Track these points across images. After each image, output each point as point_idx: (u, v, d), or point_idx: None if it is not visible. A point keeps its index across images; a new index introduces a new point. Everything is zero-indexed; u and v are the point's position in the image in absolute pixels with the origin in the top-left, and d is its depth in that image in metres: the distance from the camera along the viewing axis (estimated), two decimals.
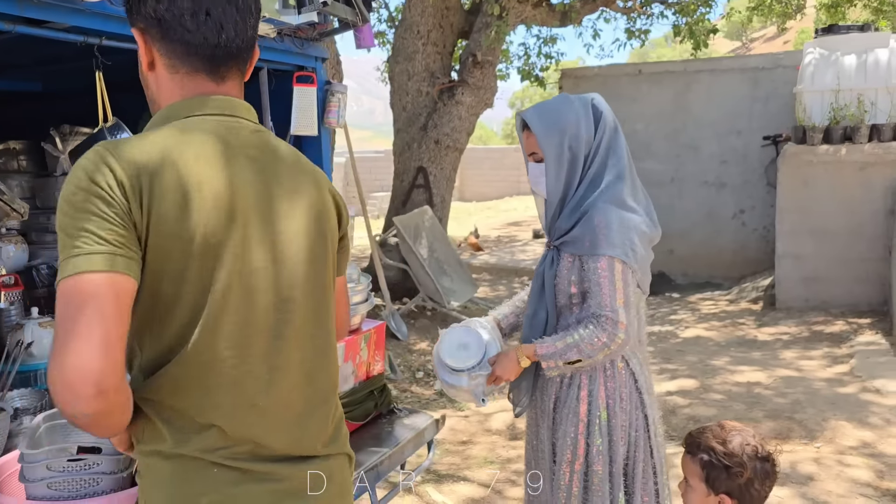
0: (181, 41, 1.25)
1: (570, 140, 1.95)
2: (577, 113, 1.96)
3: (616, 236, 1.90)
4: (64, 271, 1.09)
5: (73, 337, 1.06)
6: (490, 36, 7.42)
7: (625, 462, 1.99)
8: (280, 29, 2.72)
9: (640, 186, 2.03)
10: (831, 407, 4.61)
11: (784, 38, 29.76)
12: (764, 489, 1.79)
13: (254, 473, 1.24)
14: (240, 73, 1.34)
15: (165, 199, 1.15)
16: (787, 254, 7.24)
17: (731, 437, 1.80)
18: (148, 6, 1.24)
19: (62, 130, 3.17)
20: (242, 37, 1.30)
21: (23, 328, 2.33)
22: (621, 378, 2.00)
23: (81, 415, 1.08)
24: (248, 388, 1.23)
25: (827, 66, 7.18)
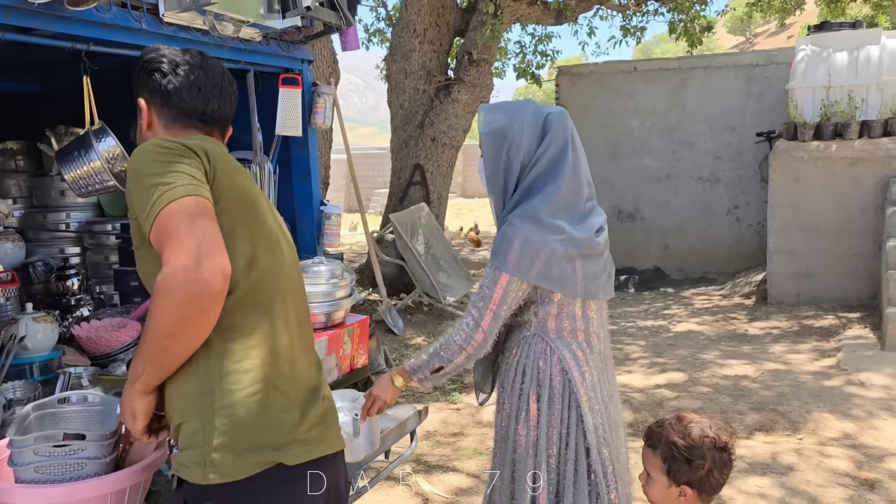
0: (177, 108, 1.63)
1: (509, 146, 1.99)
2: (524, 123, 1.99)
3: (512, 252, 1.94)
4: (171, 196, 1.38)
5: (199, 234, 1.35)
6: (485, 34, 7.49)
7: (556, 459, 2.02)
8: (266, 32, 2.81)
9: (581, 204, 2.03)
10: (816, 399, 4.69)
11: (788, 32, 29.73)
12: (722, 477, 1.85)
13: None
14: (220, 135, 1.72)
15: (220, 163, 1.54)
16: (778, 249, 7.31)
17: (690, 429, 1.85)
18: (155, 81, 1.63)
19: (58, 131, 3.26)
20: (224, 110, 1.69)
21: (17, 322, 2.42)
22: (553, 376, 2.03)
23: (209, 293, 1.34)
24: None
25: (819, 62, 7.24)
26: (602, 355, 2.11)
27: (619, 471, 2.10)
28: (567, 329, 2.04)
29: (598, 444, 2.02)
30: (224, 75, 1.71)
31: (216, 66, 1.70)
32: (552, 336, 2.04)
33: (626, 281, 9.09)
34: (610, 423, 2.07)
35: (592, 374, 2.05)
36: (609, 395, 2.11)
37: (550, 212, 1.95)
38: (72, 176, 2.43)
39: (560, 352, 2.03)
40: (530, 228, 1.94)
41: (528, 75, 9.66)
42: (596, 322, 2.08)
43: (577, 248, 1.97)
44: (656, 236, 9.64)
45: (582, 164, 2.05)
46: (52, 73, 3.44)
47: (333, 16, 2.92)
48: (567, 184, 1.98)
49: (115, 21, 2.21)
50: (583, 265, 1.99)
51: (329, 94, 3.19)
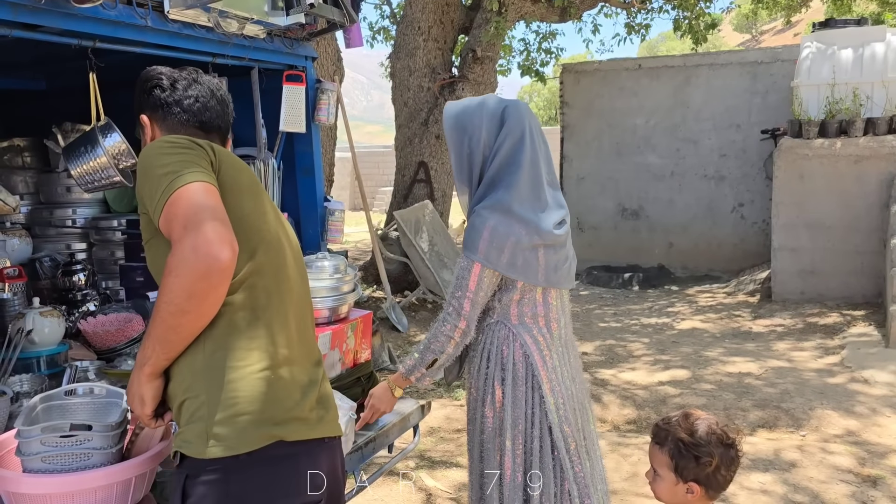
0: (178, 118, 1.73)
1: (470, 138, 2.08)
2: (483, 116, 2.08)
3: (482, 241, 2.02)
4: (179, 182, 1.44)
5: (207, 213, 1.41)
6: (490, 32, 7.50)
7: (523, 437, 2.13)
8: (270, 30, 2.82)
9: (547, 195, 2.10)
10: (819, 397, 4.69)
11: (794, 30, 29.61)
12: (729, 474, 1.85)
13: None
14: (221, 142, 1.80)
15: (225, 159, 1.61)
16: (783, 247, 7.30)
17: (697, 426, 1.85)
18: (155, 97, 1.73)
19: (64, 128, 3.29)
20: (222, 119, 1.80)
21: (24, 317, 2.44)
22: (516, 361, 2.13)
23: (218, 268, 1.40)
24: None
25: (823, 60, 7.22)
26: (563, 340, 2.21)
27: (587, 447, 2.21)
28: (528, 315, 2.14)
29: (560, 422, 2.12)
30: (219, 87, 1.81)
31: (211, 81, 1.81)
32: (514, 322, 2.15)
33: (631, 279, 9.09)
34: (573, 403, 2.18)
35: (553, 358, 2.16)
36: (571, 377, 2.22)
37: (516, 202, 2.04)
38: (78, 171, 2.45)
39: (522, 337, 2.13)
40: (498, 218, 2.02)
41: (532, 73, 9.66)
42: (556, 309, 2.18)
43: (541, 238, 2.05)
44: (661, 234, 9.64)
45: (541, 155, 2.12)
46: (57, 69, 3.47)
47: (337, 13, 2.94)
48: (527, 174, 2.06)
49: (120, 18, 2.23)
50: (545, 255, 2.08)
51: (332, 91, 3.21)
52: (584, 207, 10.09)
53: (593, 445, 2.27)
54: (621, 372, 5.46)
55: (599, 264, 9.68)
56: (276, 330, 1.59)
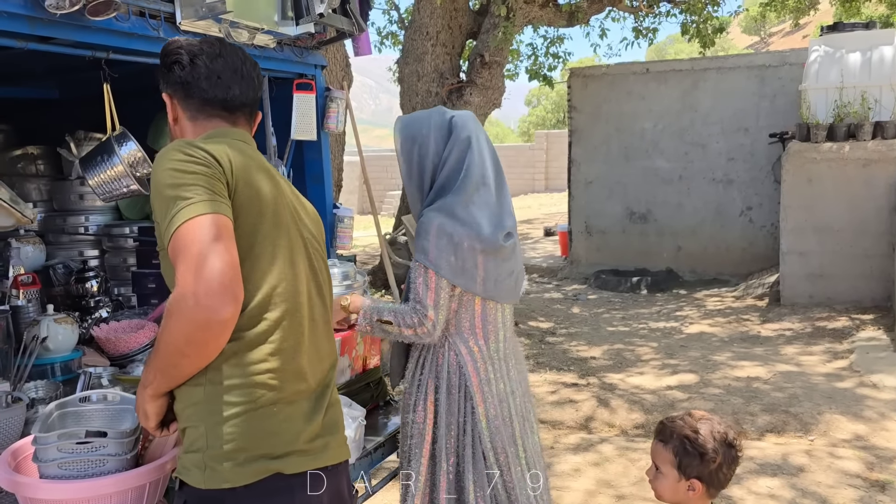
0: (199, 97, 1.64)
1: (419, 149, 2.14)
2: (431, 126, 2.15)
3: (429, 245, 2.08)
4: (188, 213, 1.38)
5: (213, 258, 1.35)
6: (497, 37, 7.53)
7: (456, 444, 2.19)
8: (280, 39, 2.86)
9: (494, 203, 2.14)
10: (828, 401, 4.69)
11: (803, 32, 29.52)
12: (730, 472, 1.90)
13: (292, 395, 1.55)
14: (247, 122, 1.73)
15: (242, 174, 1.53)
16: (791, 250, 7.29)
17: (701, 424, 1.89)
18: (175, 74, 1.64)
19: (77, 136, 3.33)
20: (246, 96, 1.69)
21: (39, 324, 2.48)
22: (449, 369, 2.19)
23: (218, 320, 1.36)
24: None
25: (832, 63, 7.21)
26: (500, 354, 2.25)
27: (528, 459, 2.27)
28: (466, 327, 2.19)
29: (491, 434, 2.18)
30: (245, 60, 1.69)
31: (235, 52, 1.68)
32: (452, 332, 2.20)
33: (639, 282, 9.09)
34: (508, 416, 2.22)
35: (488, 370, 2.20)
36: (510, 391, 2.26)
37: (460, 206, 2.08)
38: (96, 181, 2.49)
39: (457, 347, 2.19)
40: (443, 220, 2.08)
41: (540, 77, 9.68)
42: (495, 323, 2.23)
43: (482, 243, 2.08)
44: (669, 238, 9.63)
45: (489, 164, 2.17)
46: (70, 79, 3.51)
47: (346, 22, 2.97)
48: (473, 180, 2.11)
49: (133, 30, 2.27)
50: (485, 262, 2.11)
51: (342, 99, 3.24)
52: (592, 211, 10.10)
53: (537, 458, 2.32)
54: (629, 376, 5.47)
55: (607, 268, 9.68)
56: (285, 358, 1.53)
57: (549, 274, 10.34)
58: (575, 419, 4.72)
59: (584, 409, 4.83)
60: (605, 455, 4.15)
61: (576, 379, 5.47)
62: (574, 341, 6.67)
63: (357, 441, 2.29)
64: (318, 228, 1.77)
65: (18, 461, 1.73)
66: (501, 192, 2.19)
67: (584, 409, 4.83)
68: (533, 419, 2.36)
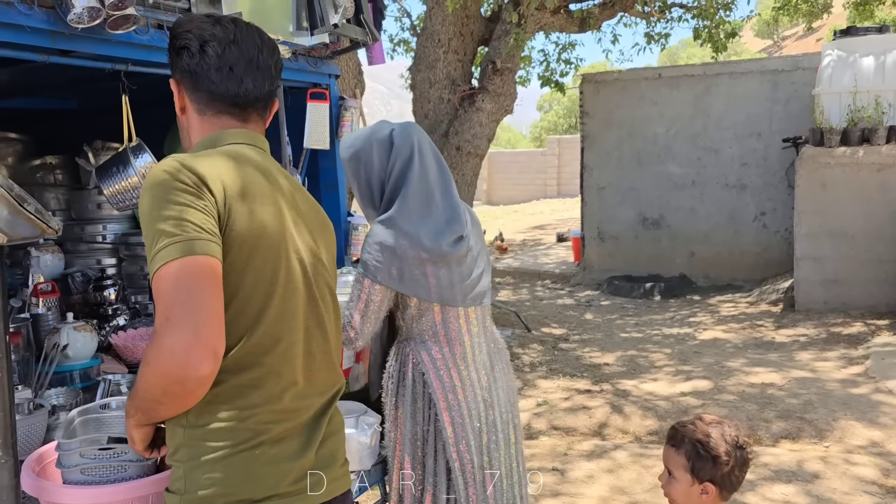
0: (207, 90, 1.50)
1: (364, 167, 2.15)
2: (373, 143, 2.15)
3: (368, 255, 2.09)
4: (168, 255, 1.26)
5: (191, 310, 1.24)
6: (509, 43, 7.55)
7: (421, 453, 2.19)
8: (294, 49, 2.89)
9: (440, 211, 2.12)
10: (843, 407, 4.66)
11: (817, 35, 29.36)
12: (742, 475, 1.92)
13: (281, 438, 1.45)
14: (260, 117, 1.58)
15: (236, 202, 1.38)
16: (806, 256, 7.26)
17: (712, 428, 1.91)
18: (183, 61, 1.49)
19: (95, 146, 3.37)
20: (260, 90, 1.53)
21: (59, 332, 2.51)
22: (416, 378, 2.19)
23: (196, 378, 1.26)
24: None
25: (845, 67, 7.19)
26: (469, 361, 2.20)
27: (506, 470, 2.25)
28: (429, 333, 2.18)
29: (456, 441, 2.15)
30: (263, 46, 1.52)
31: (251, 38, 1.51)
32: (416, 339, 2.20)
33: (652, 288, 9.08)
34: (476, 425, 2.19)
35: (452, 377, 2.17)
36: (484, 398, 2.22)
37: (402, 217, 2.08)
38: (111, 191, 2.52)
39: (419, 355, 2.18)
40: (385, 233, 2.07)
41: (551, 83, 9.70)
42: (458, 329, 2.19)
43: (426, 252, 2.06)
44: (682, 243, 9.61)
45: (432, 172, 2.15)
46: (88, 89, 3.56)
47: (360, 32, 3.00)
48: (415, 190, 2.11)
49: (152, 42, 2.31)
50: (434, 270, 2.10)
51: (355, 108, 3.27)
52: (605, 217, 10.09)
53: (513, 468, 2.30)
54: (643, 383, 5.46)
55: (620, 274, 9.67)
56: (273, 401, 1.42)
57: (562, 280, 10.33)
58: (588, 426, 4.71)
59: (597, 415, 4.83)
60: (619, 462, 4.15)
61: (589, 385, 5.47)
62: (587, 347, 6.67)
63: (372, 448, 2.31)
64: (328, 240, 1.63)
65: (42, 466, 1.76)
66: (448, 198, 2.16)
67: (598, 415, 4.82)
68: (511, 429, 2.31)
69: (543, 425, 4.76)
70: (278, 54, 1.58)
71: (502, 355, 2.36)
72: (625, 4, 8.23)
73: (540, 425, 4.77)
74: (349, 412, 2.30)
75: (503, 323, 7.20)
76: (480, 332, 2.25)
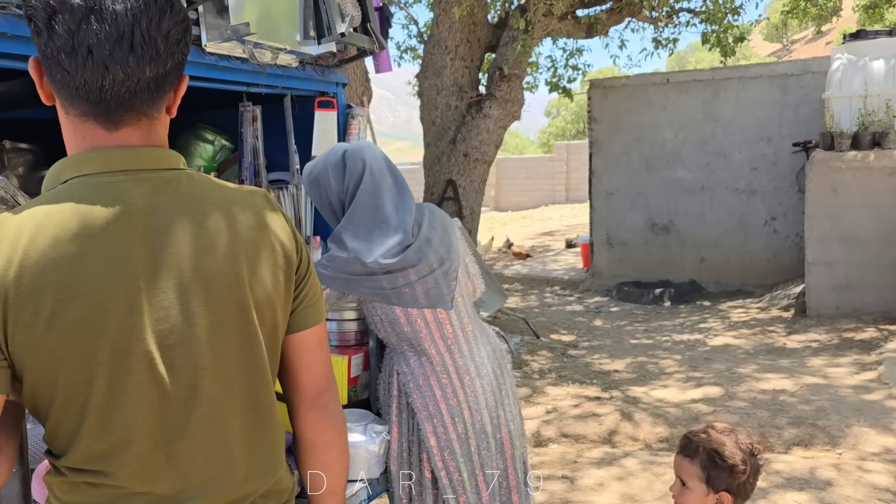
0: (62, 82, 1.05)
1: (324, 191, 2.20)
2: (327, 167, 2.20)
3: (324, 270, 2.11)
4: None
5: None
6: (516, 49, 7.56)
7: (408, 464, 2.21)
8: (302, 58, 2.90)
9: (390, 224, 2.14)
10: (856, 414, 4.62)
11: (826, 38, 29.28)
12: (755, 482, 1.91)
13: None
14: (141, 118, 1.11)
15: (30, 300, 0.99)
16: (817, 261, 7.21)
17: (726, 437, 1.91)
18: (35, 39, 1.05)
19: None
20: (136, 79, 1.06)
21: None
22: (398, 388, 2.21)
23: None
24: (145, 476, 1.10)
25: (855, 71, 7.16)
26: (451, 367, 2.19)
27: (488, 478, 2.22)
28: (405, 342, 2.19)
29: (441, 450, 2.15)
30: (148, 10, 1.04)
31: (126, 2, 1.02)
32: (396, 350, 2.22)
33: (662, 294, 9.04)
34: (465, 432, 2.17)
35: (431, 385, 2.17)
36: (465, 403, 2.19)
37: (349, 233, 2.12)
38: None
39: (399, 365, 2.20)
40: (333, 248, 2.13)
41: (559, 89, 9.69)
42: (430, 335, 2.18)
43: (365, 267, 2.08)
44: (692, 249, 9.57)
45: (382, 189, 2.18)
46: None
47: (367, 40, 3.01)
48: (362, 206, 2.15)
49: None
50: (389, 280, 2.11)
51: (363, 116, 3.27)
52: (614, 223, 10.07)
53: (510, 479, 2.29)
54: (653, 389, 5.43)
55: (630, 280, 9.64)
56: (144, 472, 1.09)
57: (571, 286, 10.31)
58: (598, 433, 4.69)
59: (607, 422, 4.80)
60: (629, 469, 4.12)
61: (598, 392, 5.44)
62: (596, 354, 6.64)
63: (380, 456, 2.31)
64: (270, 274, 1.18)
65: None
66: (401, 212, 2.19)
67: (608, 422, 4.80)
68: (508, 438, 2.29)
69: (553, 433, 4.74)
70: (181, 15, 1.09)
71: (497, 358, 2.33)
72: (632, 10, 8.23)
73: (549, 433, 4.75)
74: (357, 420, 2.30)
75: (512, 329, 7.19)
76: (461, 336, 2.23)
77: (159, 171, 1.11)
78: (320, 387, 1.29)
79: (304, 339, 1.26)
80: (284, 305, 1.21)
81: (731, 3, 8.30)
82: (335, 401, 1.32)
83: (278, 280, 1.18)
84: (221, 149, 3.55)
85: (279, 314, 1.20)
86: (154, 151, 1.12)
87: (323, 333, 1.30)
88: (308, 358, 1.27)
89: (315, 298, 1.28)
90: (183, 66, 1.14)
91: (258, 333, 1.16)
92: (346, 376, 2.47)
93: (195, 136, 3.54)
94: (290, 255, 1.21)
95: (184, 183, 1.13)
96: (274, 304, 1.18)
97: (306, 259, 1.26)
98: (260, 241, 1.16)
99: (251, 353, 1.16)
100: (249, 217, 1.16)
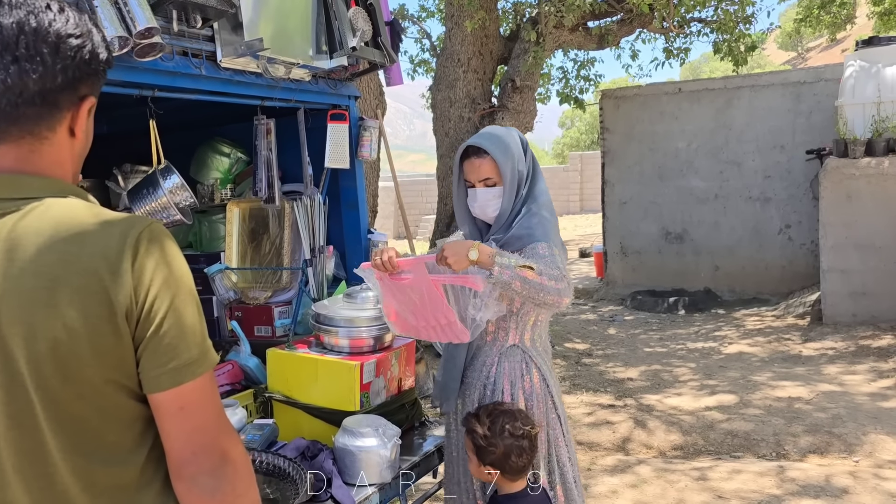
0: None
1: (517, 164, 2.29)
2: (516, 141, 2.33)
3: (550, 229, 2.25)
4: None
5: None
6: (528, 61, 7.62)
7: (547, 458, 2.32)
8: (314, 72, 2.97)
9: None
10: (872, 421, 4.60)
11: (842, 46, 29.16)
12: (520, 461, 2.16)
13: None
14: (25, 136, 1.03)
15: None
16: (832, 268, 7.18)
17: (492, 419, 2.16)
18: None
19: (124, 169, 3.48)
20: (18, 91, 1.00)
21: None
22: (535, 385, 2.31)
23: None
24: None
25: (868, 78, 7.15)
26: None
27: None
28: (538, 340, 2.40)
29: (569, 439, 2.37)
30: (36, 24, 1.00)
31: (16, 16, 0.98)
32: (528, 346, 2.35)
33: (676, 303, 9.02)
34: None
35: (554, 377, 2.43)
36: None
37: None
38: (141, 212, 2.61)
39: (538, 361, 2.37)
40: (547, 214, 2.33)
41: (571, 100, 9.74)
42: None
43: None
44: (706, 257, 9.55)
45: None
46: (118, 115, 3.67)
47: (378, 54, 3.08)
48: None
49: (177, 69, 2.39)
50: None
51: (374, 128, 3.34)
52: (627, 232, 10.07)
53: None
54: (667, 397, 5.43)
55: (644, 289, 9.62)
56: None
57: (585, 295, 10.30)
58: (612, 441, 4.70)
59: (620, 430, 4.81)
60: (643, 477, 4.12)
61: (612, 400, 5.45)
62: (610, 362, 6.65)
63: (392, 461, 2.34)
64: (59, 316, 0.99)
65: None
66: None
67: (621, 430, 4.81)
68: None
69: None
70: (77, 30, 1.04)
71: None
72: (643, 21, 8.27)
73: None
74: (371, 425, 2.34)
75: None
76: None
77: (8, 202, 1.01)
78: (182, 457, 1.07)
79: (159, 403, 1.06)
80: (117, 360, 1.03)
81: (742, 13, 8.31)
82: (208, 474, 1.07)
83: (98, 332, 1.01)
84: (237, 161, 3.63)
85: (98, 369, 1.02)
86: (16, 179, 1.03)
87: (189, 398, 1.07)
88: (166, 425, 1.07)
89: (170, 358, 1.05)
90: (87, 86, 1.08)
91: (27, 391, 1.00)
92: (358, 382, 2.52)
93: (212, 149, 3.62)
94: (121, 303, 1.01)
95: (29, 215, 1.01)
96: (80, 358, 1.00)
97: (162, 311, 1.04)
98: (84, 286, 0.99)
99: (18, 412, 1.01)
100: (84, 258, 1.00)
